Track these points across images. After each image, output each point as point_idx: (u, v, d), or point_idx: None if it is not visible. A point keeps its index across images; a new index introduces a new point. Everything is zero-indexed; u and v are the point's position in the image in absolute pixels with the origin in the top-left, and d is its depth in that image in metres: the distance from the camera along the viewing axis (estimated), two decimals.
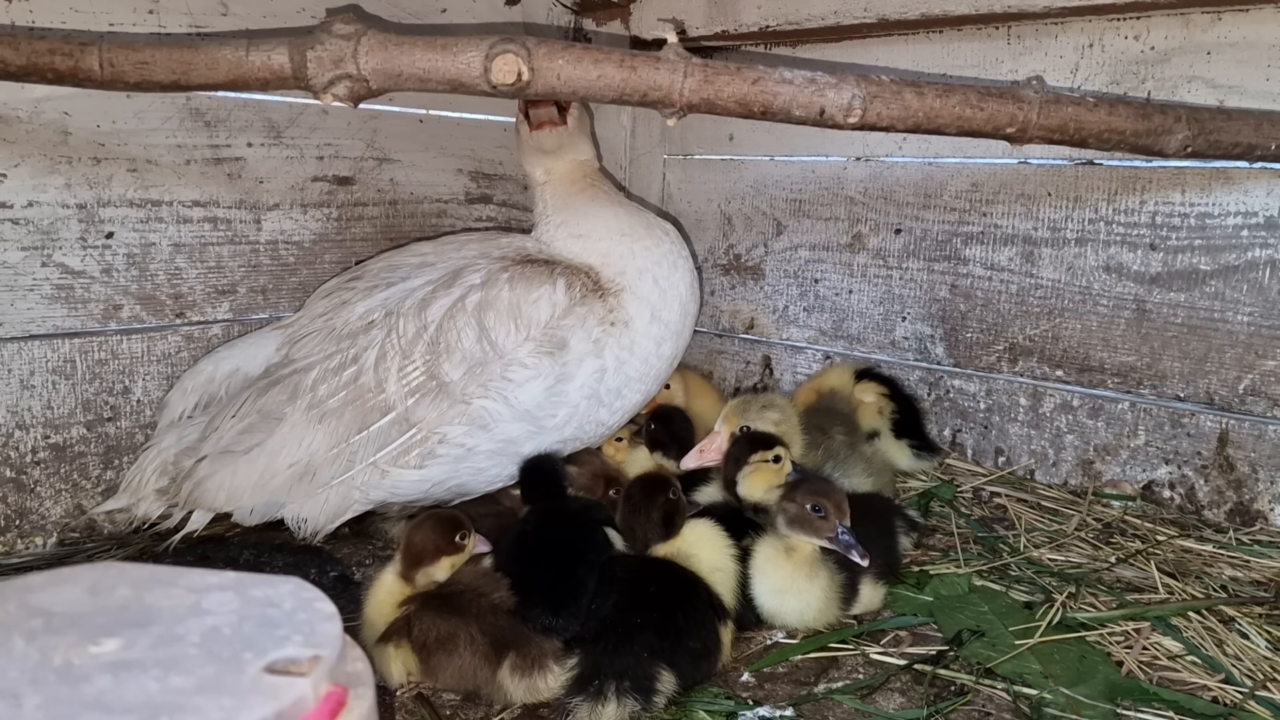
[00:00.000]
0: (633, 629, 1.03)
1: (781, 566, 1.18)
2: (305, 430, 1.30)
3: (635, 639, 1.02)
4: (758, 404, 1.49)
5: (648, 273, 1.47)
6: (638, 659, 1.00)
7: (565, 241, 1.51)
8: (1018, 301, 1.73)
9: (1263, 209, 1.46)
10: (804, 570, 1.17)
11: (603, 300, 1.43)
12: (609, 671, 0.99)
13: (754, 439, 1.38)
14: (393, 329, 1.35)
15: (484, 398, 1.33)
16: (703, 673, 1.07)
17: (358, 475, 1.30)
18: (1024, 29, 1.65)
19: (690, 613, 1.08)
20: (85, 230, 1.45)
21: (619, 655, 1.01)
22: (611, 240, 1.48)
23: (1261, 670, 1.08)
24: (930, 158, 1.80)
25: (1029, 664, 1.09)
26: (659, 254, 1.49)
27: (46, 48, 1.10)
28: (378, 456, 1.30)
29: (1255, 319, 1.48)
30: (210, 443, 1.35)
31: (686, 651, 1.04)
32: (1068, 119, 1.18)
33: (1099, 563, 1.36)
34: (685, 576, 1.13)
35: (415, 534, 1.13)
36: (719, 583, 1.14)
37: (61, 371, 1.45)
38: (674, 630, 1.05)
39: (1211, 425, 1.52)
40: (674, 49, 1.08)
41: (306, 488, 1.29)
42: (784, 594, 1.18)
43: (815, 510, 1.16)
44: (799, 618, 1.18)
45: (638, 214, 1.55)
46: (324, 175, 1.74)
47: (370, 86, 1.06)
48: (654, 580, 1.12)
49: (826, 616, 1.19)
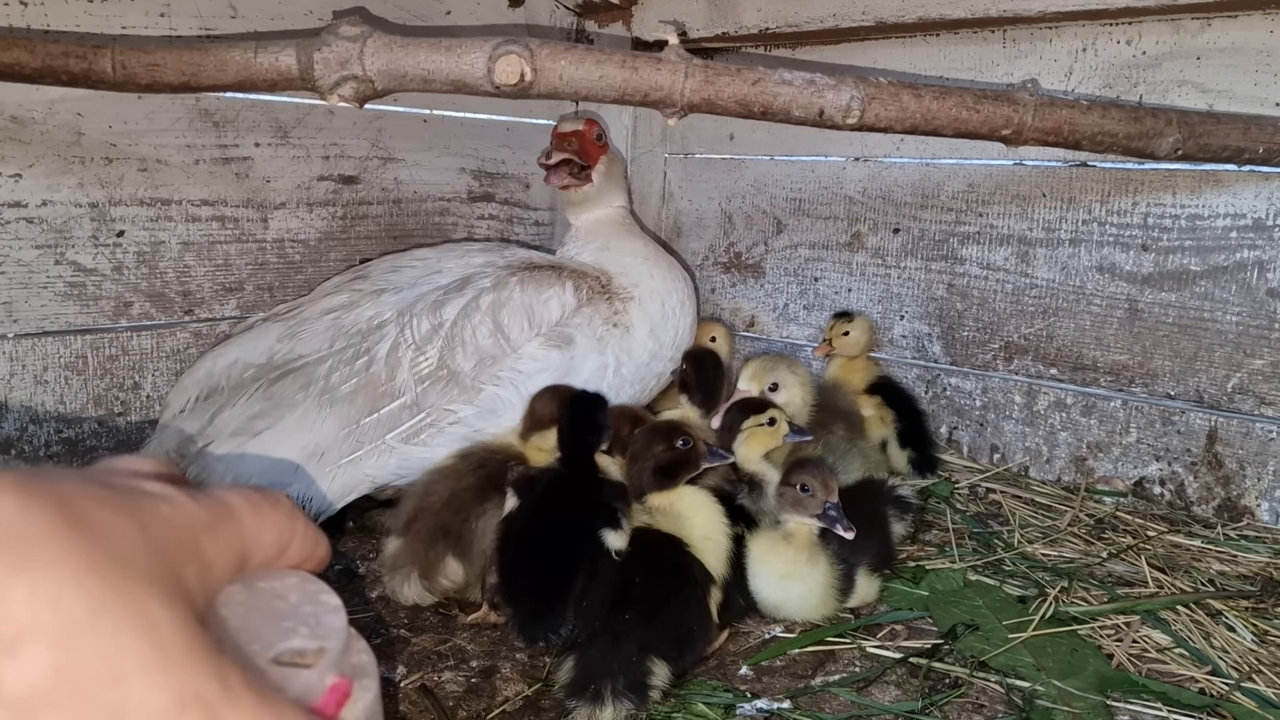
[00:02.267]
0: (621, 627, 1.04)
1: (782, 553, 1.20)
2: (317, 415, 1.33)
3: (624, 637, 1.02)
4: (784, 363, 1.55)
5: (658, 295, 1.55)
6: (628, 658, 1.01)
7: (590, 254, 1.57)
8: (1013, 301, 1.75)
9: (1251, 211, 1.49)
10: (804, 555, 1.19)
11: (609, 303, 1.50)
12: (603, 673, 0.99)
13: (746, 405, 1.40)
14: (406, 326, 1.40)
15: (495, 385, 1.38)
16: (696, 654, 1.09)
17: (366, 456, 1.33)
18: (1019, 33, 1.67)
19: (677, 598, 1.08)
20: (97, 229, 1.48)
21: (610, 656, 1.01)
22: (634, 259, 1.57)
23: (1247, 662, 1.10)
24: (927, 158, 1.82)
25: (1022, 657, 1.10)
26: (672, 286, 1.58)
27: (61, 50, 1.13)
28: (387, 437, 1.33)
29: (1243, 319, 1.50)
30: (217, 428, 1.37)
31: (675, 640, 1.05)
32: (1062, 122, 1.20)
33: (1091, 558, 1.38)
34: (671, 560, 1.13)
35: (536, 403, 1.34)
36: (708, 552, 1.15)
37: (74, 367, 1.47)
38: (662, 620, 1.05)
39: (1201, 423, 1.55)
40: (675, 50, 1.10)
41: (315, 468, 1.32)
42: (788, 580, 1.19)
43: (803, 489, 1.19)
44: (801, 604, 1.20)
45: (664, 254, 1.63)
46: (330, 174, 1.77)
47: (375, 87, 1.08)
48: (639, 570, 1.11)
49: (826, 607, 1.21)
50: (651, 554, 1.14)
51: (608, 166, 1.60)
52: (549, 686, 1.04)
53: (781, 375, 1.53)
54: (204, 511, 0.44)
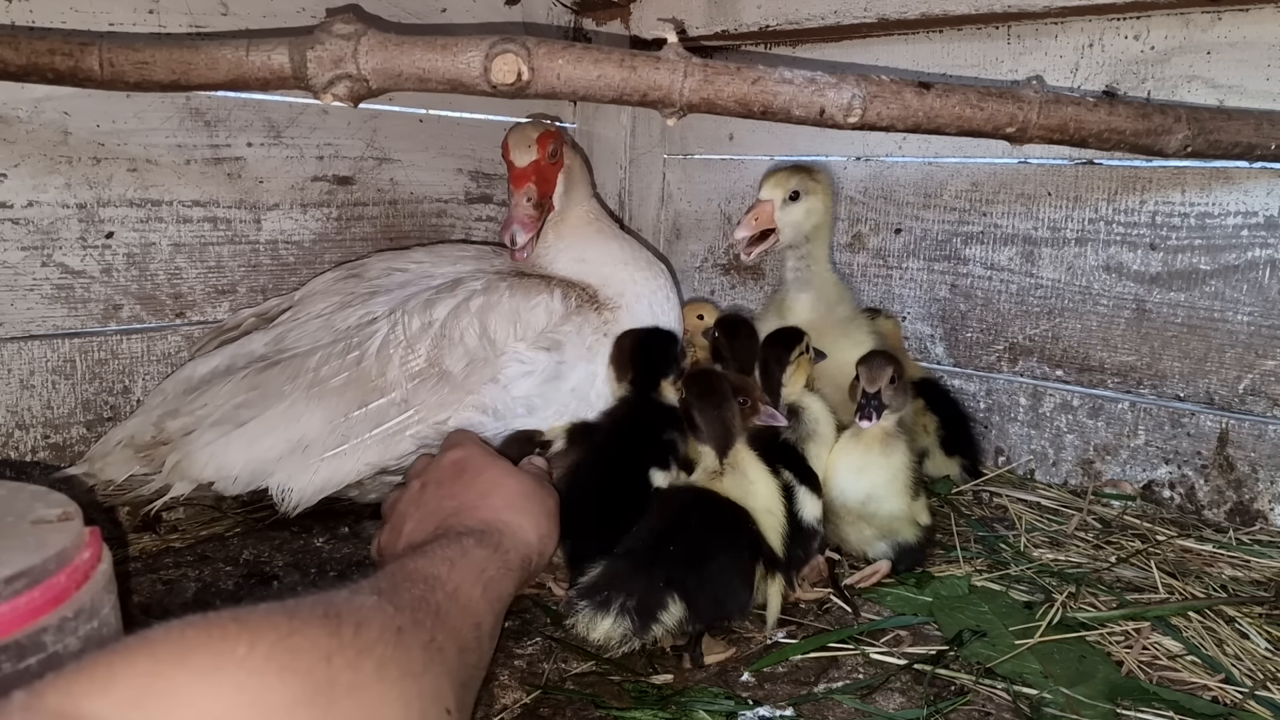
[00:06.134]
0: (658, 554, 1.04)
1: (852, 450, 1.28)
2: (304, 406, 1.31)
3: (657, 563, 1.03)
4: (804, 170, 1.55)
5: (644, 298, 1.53)
6: (651, 583, 1.01)
7: (566, 263, 1.54)
8: (1017, 301, 1.73)
9: (1263, 209, 1.46)
10: (877, 447, 1.27)
11: (598, 313, 1.48)
12: (619, 587, 1.00)
13: (777, 340, 1.37)
14: (398, 323, 1.38)
15: (486, 386, 1.37)
16: (715, 619, 1.09)
17: (351, 450, 1.31)
18: (1024, 29, 1.65)
19: (726, 557, 1.08)
20: (85, 230, 1.45)
21: (635, 574, 1.02)
22: (614, 267, 1.54)
23: (1262, 670, 1.08)
24: (930, 157, 1.80)
25: (1029, 664, 1.08)
26: (655, 285, 1.56)
27: (46, 47, 1.10)
28: (373, 433, 1.32)
29: (1255, 319, 1.48)
30: (197, 417, 1.34)
31: (705, 593, 1.05)
32: (1068, 119, 1.18)
33: (1099, 562, 1.36)
34: (737, 524, 1.12)
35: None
36: (769, 527, 1.14)
37: (61, 371, 1.45)
38: (704, 570, 1.05)
39: (1211, 425, 1.52)
40: (674, 49, 1.08)
41: (299, 459, 1.30)
42: (865, 473, 1.27)
43: (857, 380, 1.28)
44: (887, 490, 1.26)
45: (638, 250, 1.61)
46: (324, 175, 1.74)
47: (370, 86, 1.06)
48: (701, 514, 1.11)
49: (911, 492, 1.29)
50: (718, 511, 1.13)
51: (566, 180, 1.54)
52: (548, 693, 1.02)
53: (803, 182, 1.52)
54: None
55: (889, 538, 1.31)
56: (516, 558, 1.00)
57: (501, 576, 0.95)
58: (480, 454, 1.18)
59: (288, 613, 0.62)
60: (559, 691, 1.02)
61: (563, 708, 0.99)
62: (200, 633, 0.56)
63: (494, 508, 1.06)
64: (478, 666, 0.86)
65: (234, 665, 0.55)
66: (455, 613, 0.81)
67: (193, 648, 0.55)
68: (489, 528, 1.02)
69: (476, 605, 0.86)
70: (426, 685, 0.69)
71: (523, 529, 1.05)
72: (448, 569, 0.86)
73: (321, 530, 1.43)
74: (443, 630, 0.76)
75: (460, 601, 0.83)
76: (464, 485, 1.12)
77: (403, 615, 0.72)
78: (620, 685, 1.04)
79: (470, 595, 0.86)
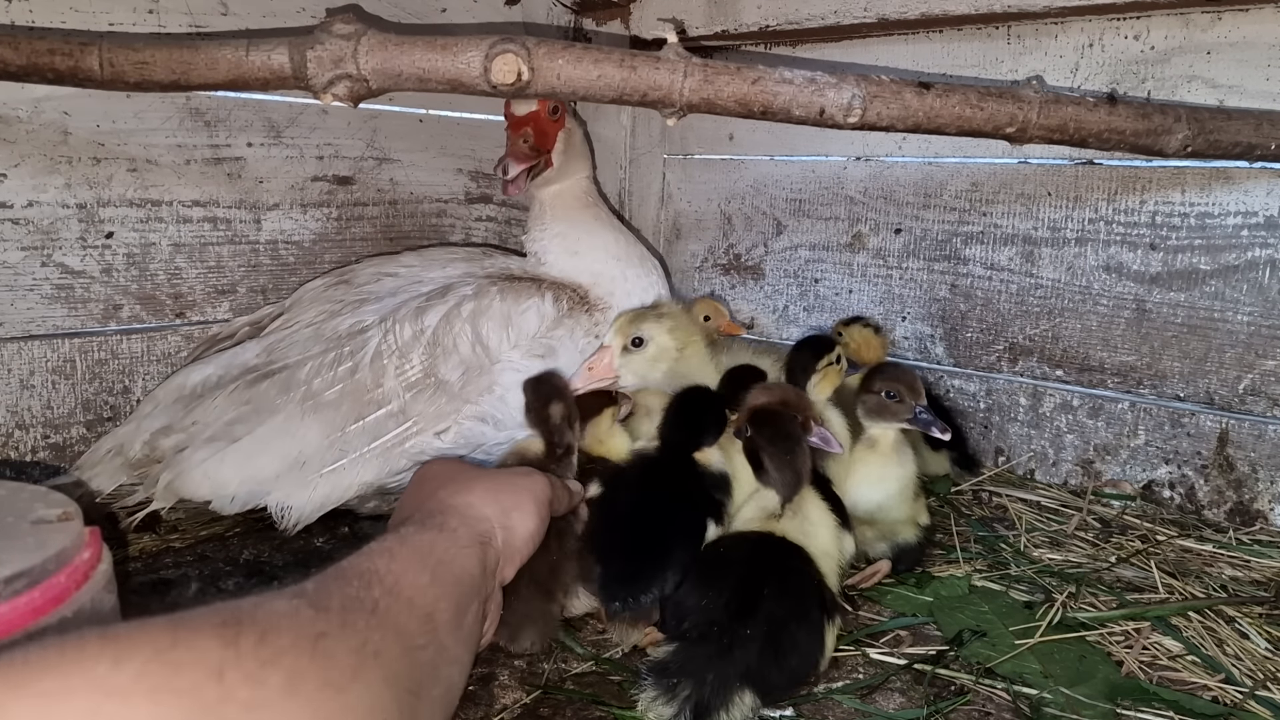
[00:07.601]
0: (736, 642, 0.97)
1: (869, 461, 1.30)
2: (300, 421, 1.30)
3: (734, 655, 0.96)
4: (651, 314, 1.39)
5: (635, 297, 1.53)
6: (725, 676, 0.94)
7: (559, 255, 1.53)
8: (1017, 301, 1.73)
9: (1263, 209, 1.46)
10: (893, 459, 1.30)
11: (589, 315, 1.48)
12: (689, 679, 0.94)
13: (809, 345, 1.36)
14: (389, 331, 1.37)
15: (484, 395, 1.36)
16: (797, 684, 1.03)
17: (350, 465, 1.30)
18: (1024, 29, 1.65)
19: (803, 622, 1.02)
20: (85, 230, 1.45)
21: (708, 669, 0.95)
22: (605, 263, 1.53)
23: (1262, 670, 1.08)
24: (930, 157, 1.80)
25: (1029, 664, 1.08)
26: (647, 283, 1.55)
27: (46, 47, 1.10)
28: (372, 446, 1.31)
29: (1255, 319, 1.48)
30: (191, 433, 1.33)
31: (782, 670, 0.99)
32: (1067, 119, 1.18)
33: (1099, 562, 1.36)
34: (802, 571, 1.06)
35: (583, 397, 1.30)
36: (828, 571, 1.10)
37: (61, 371, 1.45)
38: (780, 648, 0.99)
39: (1211, 425, 1.52)
40: (674, 49, 1.08)
41: (297, 476, 1.29)
42: (882, 483, 1.29)
43: (890, 396, 1.26)
44: (899, 500, 1.29)
45: (632, 244, 1.60)
46: (324, 175, 1.74)
47: (370, 86, 1.06)
48: (769, 577, 1.04)
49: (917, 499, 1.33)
50: (788, 568, 1.06)
51: (566, 141, 1.52)
52: (548, 693, 1.02)
53: (646, 327, 1.34)
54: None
55: (889, 538, 1.31)
56: (468, 534, 0.92)
57: (455, 556, 0.87)
58: (441, 463, 1.12)
59: (173, 624, 0.56)
60: (559, 691, 1.02)
61: (563, 708, 0.99)
62: (53, 652, 0.51)
63: (439, 497, 0.98)
64: (440, 662, 0.77)
65: (89, 687, 0.49)
66: (398, 608, 0.73)
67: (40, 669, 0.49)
68: (431, 512, 0.94)
69: (426, 594, 0.78)
70: (354, 698, 0.62)
71: (472, 506, 0.97)
72: (386, 561, 0.78)
73: (321, 530, 1.42)
74: (381, 630, 0.69)
75: (404, 594, 0.75)
76: (415, 487, 1.07)
77: (326, 619, 0.65)
78: (620, 685, 1.04)
79: (416, 584, 0.77)
